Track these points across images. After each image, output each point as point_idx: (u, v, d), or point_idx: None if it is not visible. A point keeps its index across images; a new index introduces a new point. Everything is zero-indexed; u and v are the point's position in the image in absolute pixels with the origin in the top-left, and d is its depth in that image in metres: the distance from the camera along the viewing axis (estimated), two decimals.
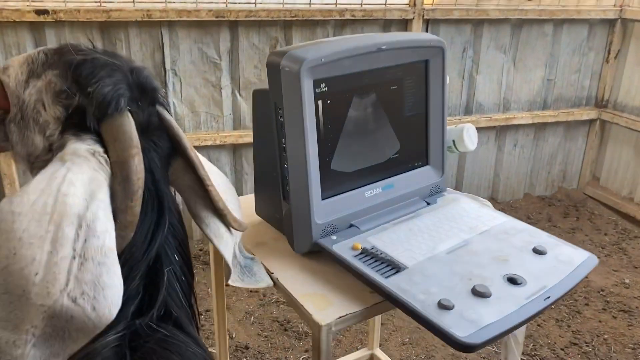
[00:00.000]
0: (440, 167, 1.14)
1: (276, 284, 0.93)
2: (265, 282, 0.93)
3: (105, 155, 0.69)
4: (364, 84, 1.00)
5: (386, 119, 1.04)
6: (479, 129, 2.89)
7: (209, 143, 2.28)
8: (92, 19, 1.99)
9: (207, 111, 2.32)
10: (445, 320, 0.78)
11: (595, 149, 2.99)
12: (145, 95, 0.74)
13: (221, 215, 0.81)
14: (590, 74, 2.89)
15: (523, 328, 1.02)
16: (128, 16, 2.04)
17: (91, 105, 0.69)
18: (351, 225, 1.00)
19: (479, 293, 0.83)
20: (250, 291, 2.17)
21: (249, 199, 1.13)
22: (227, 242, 0.83)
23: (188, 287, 0.76)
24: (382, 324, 1.88)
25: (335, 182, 1.00)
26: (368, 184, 1.04)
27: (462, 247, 0.95)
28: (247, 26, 2.25)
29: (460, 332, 0.75)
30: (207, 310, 2.01)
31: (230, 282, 0.88)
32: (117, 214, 0.68)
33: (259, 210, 1.12)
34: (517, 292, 0.84)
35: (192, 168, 0.79)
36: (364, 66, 0.98)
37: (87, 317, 0.64)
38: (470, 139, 1.15)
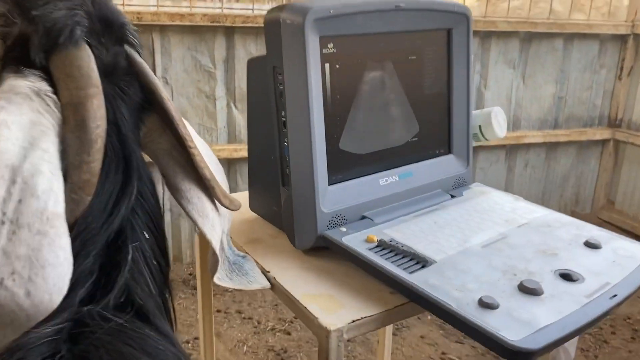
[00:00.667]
0: (465, 157, 0.98)
1: (273, 285, 0.76)
2: (259, 282, 0.75)
3: (55, 97, 0.53)
4: (378, 49, 0.85)
5: (404, 95, 0.89)
6: (488, 148, 2.76)
7: None
8: None
9: (200, 123, 2.17)
10: (490, 322, 0.60)
11: (610, 170, 2.84)
12: (111, 31, 0.59)
13: (207, 187, 0.65)
14: (602, 92, 2.76)
15: (575, 340, 0.85)
16: None
17: (37, 33, 0.54)
18: (363, 217, 0.84)
19: (528, 290, 0.66)
20: (244, 317, 1.97)
21: (243, 196, 0.97)
22: (214, 224, 0.67)
23: (160, 274, 0.59)
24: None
25: (344, 166, 0.84)
26: (383, 170, 0.88)
27: (500, 240, 0.79)
28: (244, 33, 2.12)
29: (512, 335, 0.58)
30: (195, 338, 1.81)
31: (216, 280, 0.70)
32: (70, 171, 0.52)
33: (253, 206, 0.96)
34: (574, 290, 0.67)
35: (170, 127, 0.63)
36: (378, 27, 0.83)
37: (18, 306, 0.47)
38: (499, 124, 1.00)
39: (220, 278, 0.72)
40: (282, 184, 0.83)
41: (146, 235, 0.57)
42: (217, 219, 0.68)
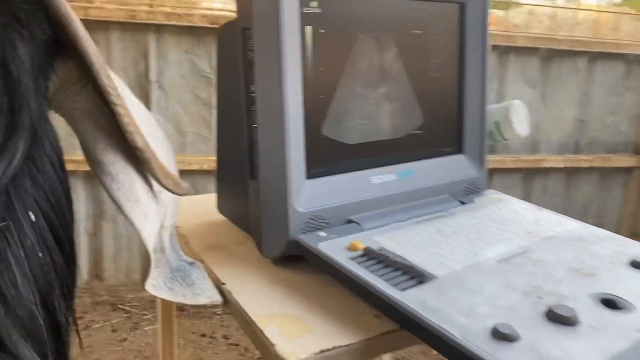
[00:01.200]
0: (478, 158, 0.82)
1: (227, 299, 0.60)
2: (207, 296, 0.59)
3: None
4: (376, 16, 0.69)
5: (405, 76, 0.73)
6: (504, 171, 2.58)
7: (195, 167, 1.98)
8: None
9: (196, 132, 2.03)
10: (507, 358, 0.43)
11: (635, 201, 2.65)
12: None
13: (139, 160, 0.49)
14: (628, 117, 2.59)
15: None
16: (109, 15, 1.79)
17: None
18: (349, 221, 0.67)
19: (558, 318, 0.49)
20: (230, 344, 1.79)
21: (211, 197, 0.81)
22: (146, 212, 0.51)
23: (52, 275, 0.43)
24: None
25: (328, 156, 0.68)
26: (377, 166, 0.72)
27: (521, 254, 0.62)
28: None
29: None
30: None
31: (149, 287, 0.54)
32: None
33: (221, 207, 0.80)
34: (621, 320, 0.50)
35: (89, 77, 0.47)
36: None
37: None
38: (519, 120, 0.83)
39: (156, 286, 0.55)
40: (251, 176, 0.67)
41: (32, 217, 0.42)
42: (152, 206, 0.52)
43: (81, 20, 0.47)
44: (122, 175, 0.49)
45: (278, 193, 0.63)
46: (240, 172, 0.70)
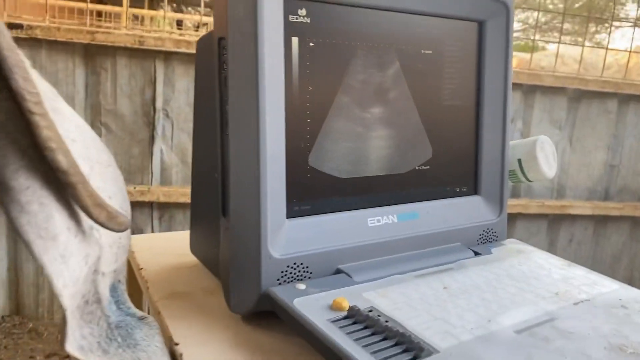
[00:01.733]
0: (497, 201, 0.70)
1: None
2: None
3: None
4: (378, 30, 0.59)
5: (412, 102, 0.63)
6: (528, 216, 2.44)
7: None
8: (74, 39, 1.69)
9: None
10: None
11: None
12: None
13: (63, 186, 0.39)
14: None
15: None
16: (117, 40, 1.73)
17: None
18: (338, 271, 0.56)
19: None
20: None
21: (185, 234, 0.70)
22: (64, 254, 0.40)
23: None
24: None
25: (314, 191, 0.57)
26: (374, 206, 0.61)
27: (546, 322, 0.49)
28: None
29: None
30: None
31: (71, 348, 0.43)
32: None
33: (194, 245, 0.69)
34: None
35: (2, 79, 0.37)
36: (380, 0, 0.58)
37: None
38: (546, 158, 0.72)
39: (85, 347, 0.44)
40: (223, 212, 0.57)
41: None
42: (74, 247, 0.41)
43: (89, 45, 0.37)
44: (36, 206, 0.39)
45: (250, 234, 0.52)
46: (215, 207, 0.59)
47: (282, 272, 0.52)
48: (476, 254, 0.65)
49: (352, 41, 0.57)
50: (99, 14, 4.34)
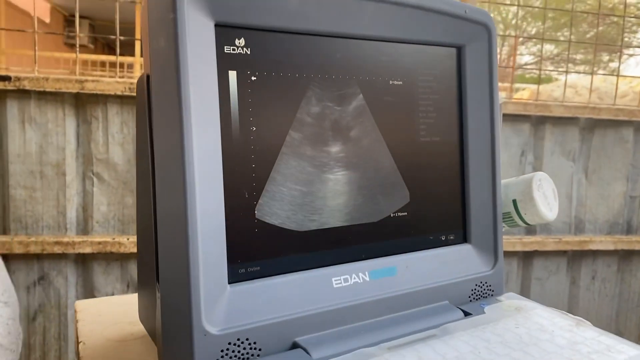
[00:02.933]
0: (491, 248, 0.61)
1: None
2: None
3: None
4: (334, 62, 0.51)
5: (381, 139, 0.54)
6: (546, 253, 2.30)
7: None
8: (63, 89, 1.65)
9: None
10: None
11: None
12: None
13: None
14: None
15: None
16: (106, 89, 1.69)
17: None
18: (295, 345, 0.47)
19: None
20: None
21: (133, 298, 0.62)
22: None
23: None
24: None
25: (264, 249, 0.48)
26: (340, 262, 0.52)
27: None
28: None
29: None
30: None
31: None
32: None
33: (141, 313, 0.60)
34: None
35: None
36: (336, 23, 0.50)
37: None
38: (544, 198, 0.62)
39: None
40: (157, 277, 0.48)
41: None
42: None
43: (79, 95, 0.31)
44: None
45: (180, 305, 0.43)
46: (153, 271, 0.51)
47: (222, 350, 0.43)
48: (466, 314, 0.55)
49: (304, 72, 0.49)
50: (105, 64, 4.40)
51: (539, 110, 2.05)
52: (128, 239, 1.76)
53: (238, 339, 0.44)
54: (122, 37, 1.78)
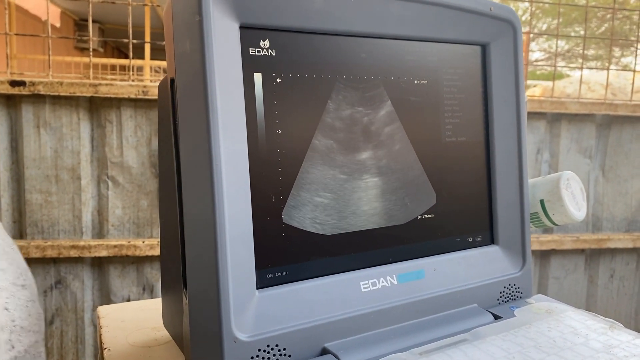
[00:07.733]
0: (519, 250, 0.60)
1: None
2: None
3: None
4: (361, 61, 0.51)
5: (406, 141, 0.53)
6: (563, 252, 2.28)
7: None
8: (77, 93, 1.66)
9: None
10: None
11: None
12: None
13: None
14: None
15: None
16: (120, 92, 1.69)
17: None
18: (324, 351, 0.46)
19: None
20: None
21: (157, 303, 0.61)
22: None
23: None
24: None
25: (291, 253, 0.47)
26: (367, 266, 0.51)
27: None
28: None
29: None
30: None
31: None
32: None
33: (166, 319, 0.60)
34: None
35: None
36: (361, 24, 0.49)
37: None
38: (573, 197, 0.61)
39: None
40: (183, 284, 0.48)
41: None
42: None
43: (93, 98, 0.30)
44: None
45: (209, 312, 0.42)
46: (179, 278, 0.50)
47: (252, 357, 0.43)
48: (496, 317, 0.54)
49: (329, 73, 0.49)
50: (116, 67, 4.42)
51: (554, 107, 2.03)
52: (143, 242, 1.77)
53: (268, 345, 0.43)
54: (134, 41, 1.78)
